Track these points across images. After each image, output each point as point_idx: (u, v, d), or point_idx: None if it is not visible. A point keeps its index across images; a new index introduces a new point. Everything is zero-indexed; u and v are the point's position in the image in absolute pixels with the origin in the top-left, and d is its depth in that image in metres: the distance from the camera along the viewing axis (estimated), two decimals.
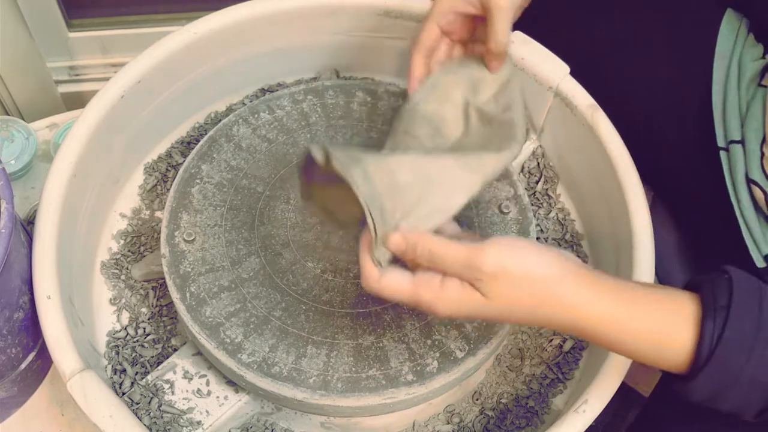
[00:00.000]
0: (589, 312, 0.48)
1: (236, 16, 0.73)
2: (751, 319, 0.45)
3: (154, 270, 0.70)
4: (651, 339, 0.48)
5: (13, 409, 0.69)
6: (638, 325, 0.48)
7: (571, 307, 0.48)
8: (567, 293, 0.48)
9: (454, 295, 0.48)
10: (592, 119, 0.71)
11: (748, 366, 0.45)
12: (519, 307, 0.48)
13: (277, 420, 0.65)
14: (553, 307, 0.48)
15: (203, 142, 0.71)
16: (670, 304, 0.48)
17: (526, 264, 0.48)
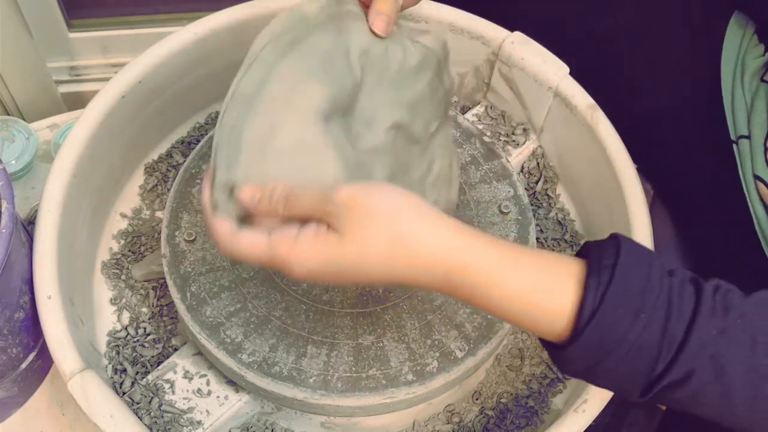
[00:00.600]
0: (467, 261, 0.43)
1: (236, 16, 0.73)
2: (639, 279, 0.42)
3: (154, 270, 0.70)
4: (529, 304, 0.43)
5: (14, 408, 0.69)
6: (519, 283, 0.43)
7: (443, 255, 0.43)
8: (439, 237, 0.43)
9: (308, 242, 0.44)
10: (591, 119, 0.71)
11: (632, 330, 0.41)
12: (376, 249, 0.43)
13: (278, 420, 0.65)
14: (415, 257, 0.43)
15: (204, 142, 0.71)
16: (554, 262, 0.44)
17: (384, 195, 0.44)
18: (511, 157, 0.77)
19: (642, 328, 0.41)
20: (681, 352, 0.41)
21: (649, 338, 0.41)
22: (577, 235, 0.76)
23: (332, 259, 0.44)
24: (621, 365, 0.42)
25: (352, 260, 0.44)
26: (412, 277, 0.44)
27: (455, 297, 0.46)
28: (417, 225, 0.44)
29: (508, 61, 0.75)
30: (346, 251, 0.43)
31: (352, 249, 0.43)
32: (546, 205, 0.78)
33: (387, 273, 0.44)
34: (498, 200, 0.70)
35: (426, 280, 0.44)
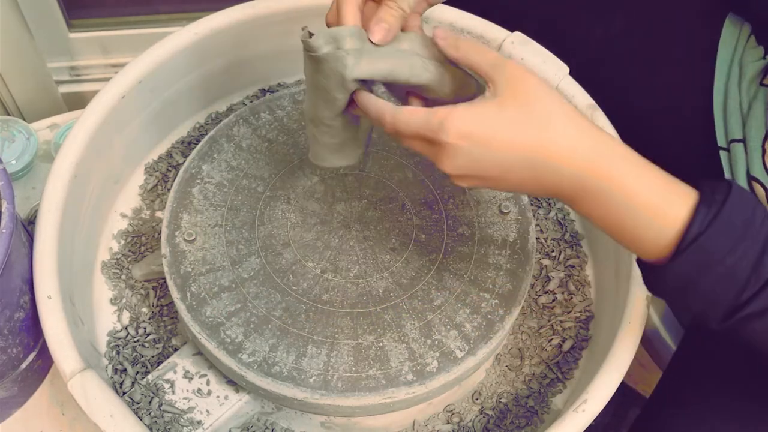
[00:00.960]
0: (600, 154, 0.46)
1: (237, 16, 0.73)
2: (744, 215, 0.45)
3: (154, 270, 0.70)
4: (649, 209, 0.46)
5: (14, 408, 0.69)
6: (642, 190, 0.46)
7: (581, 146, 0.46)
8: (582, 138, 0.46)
9: (466, 105, 0.47)
10: (591, 119, 0.71)
11: (729, 256, 0.45)
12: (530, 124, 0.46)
13: (278, 419, 0.65)
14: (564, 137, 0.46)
15: (204, 143, 0.71)
16: (674, 182, 0.48)
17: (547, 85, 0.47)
18: None
19: (738, 257, 0.45)
20: (766, 288, 0.45)
21: (742, 268, 0.45)
22: (577, 235, 0.76)
23: (486, 120, 0.46)
24: (710, 288, 0.46)
25: (504, 127, 0.46)
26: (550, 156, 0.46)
27: (576, 199, 0.48)
28: (570, 112, 0.47)
29: None
30: (507, 116, 0.46)
31: (513, 116, 0.46)
32: (546, 205, 0.78)
33: (527, 158, 0.46)
34: (498, 200, 0.70)
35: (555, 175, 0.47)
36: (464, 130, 0.46)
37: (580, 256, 0.75)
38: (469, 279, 0.65)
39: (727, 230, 0.45)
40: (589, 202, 0.48)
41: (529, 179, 0.48)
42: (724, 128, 0.68)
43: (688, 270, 0.46)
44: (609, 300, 0.69)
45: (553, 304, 0.72)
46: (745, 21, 0.70)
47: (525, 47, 0.74)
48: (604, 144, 0.47)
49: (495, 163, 0.47)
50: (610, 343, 0.61)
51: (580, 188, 0.47)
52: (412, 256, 0.66)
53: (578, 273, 0.74)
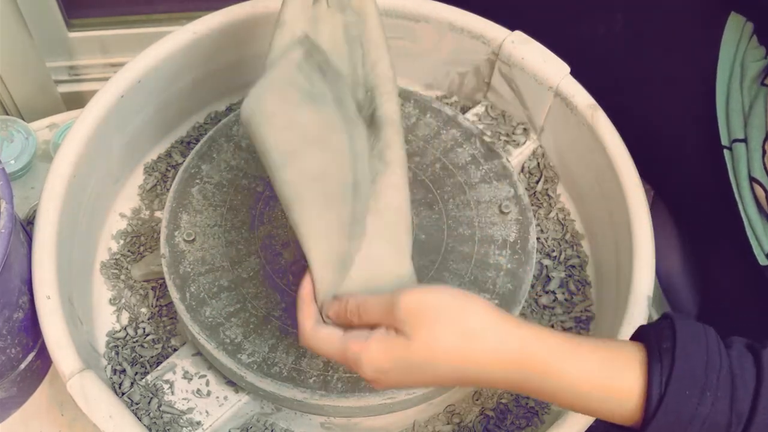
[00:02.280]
0: (535, 352, 0.44)
1: (236, 15, 0.73)
2: (699, 358, 0.43)
3: (153, 270, 0.70)
4: (599, 389, 0.44)
5: (13, 409, 0.68)
6: (587, 368, 0.44)
7: (513, 348, 0.44)
8: (504, 332, 0.45)
9: (379, 343, 0.46)
10: (592, 119, 0.71)
11: (702, 407, 0.42)
12: (444, 346, 0.45)
13: (277, 420, 0.65)
14: (484, 352, 0.44)
15: (203, 142, 0.71)
16: (615, 348, 0.45)
17: (449, 294, 0.46)
18: (512, 156, 0.77)
19: (711, 405, 0.42)
20: (750, 424, 0.41)
21: (719, 414, 0.42)
22: (577, 235, 0.76)
23: (401, 358, 0.45)
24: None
25: (421, 360, 0.45)
26: (480, 374, 0.45)
27: (522, 392, 0.47)
28: (483, 321, 0.45)
29: (508, 61, 0.75)
30: (415, 352, 0.45)
31: (421, 349, 0.45)
32: (546, 205, 0.77)
33: (456, 371, 0.45)
34: (498, 200, 0.70)
35: (494, 376, 0.45)
36: (382, 366, 0.45)
37: (581, 256, 0.75)
38: (469, 279, 0.65)
39: (689, 382, 0.42)
40: (536, 393, 0.46)
41: (464, 382, 0.46)
42: (727, 127, 0.68)
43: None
44: (609, 300, 0.69)
45: (554, 304, 0.71)
46: (747, 20, 0.70)
47: (525, 47, 0.74)
48: (531, 340, 0.45)
49: (422, 380, 0.46)
50: None
51: (520, 384, 0.46)
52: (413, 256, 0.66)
53: (578, 273, 0.74)
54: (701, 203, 0.73)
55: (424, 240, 0.67)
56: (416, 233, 0.67)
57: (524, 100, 0.77)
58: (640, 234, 0.65)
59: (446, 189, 0.70)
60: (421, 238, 0.67)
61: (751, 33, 0.70)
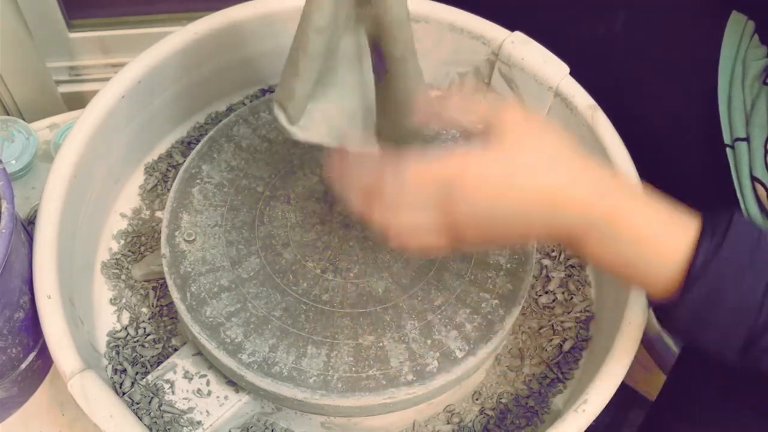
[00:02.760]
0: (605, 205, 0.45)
1: (237, 16, 0.73)
2: (749, 243, 0.44)
3: (154, 270, 0.70)
4: (653, 243, 0.45)
5: (14, 409, 0.69)
6: (645, 224, 0.45)
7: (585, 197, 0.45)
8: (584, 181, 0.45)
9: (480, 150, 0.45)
10: (592, 119, 0.71)
11: (739, 284, 0.44)
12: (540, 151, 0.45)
13: (277, 420, 0.65)
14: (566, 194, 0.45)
15: (204, 142, 0.71)
16: (674, 213, 0.47)
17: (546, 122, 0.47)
18: None
19: (747, 286, 0.44)
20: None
21: (753, 295, 0.44)
22: None
23: (500, 157, 0.45)
24: (723, 320, 0.44)
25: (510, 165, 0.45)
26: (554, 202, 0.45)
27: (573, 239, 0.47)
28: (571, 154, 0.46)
29: (508, 61, 0.75)
30: (515, 148, 0.45)
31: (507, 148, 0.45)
32: None
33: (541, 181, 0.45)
34: None
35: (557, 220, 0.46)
36: (479, 173, 0.45)
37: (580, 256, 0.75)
38: (469, 279, 0.65)
39: (732, 259, 0.44)
40: (594, 243, 0.47)
41: (523, 228, 0.47)
42: (729, 126, 0.68)
43: (698, 303, 0.45)
44: (609, 300, 0.69)
45: (554, 304, 0.72)
46: (748, 19, 0.70)
47: (525, 47, 0.74)
48: (606, 183, 0.46)
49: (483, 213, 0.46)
50: (610, 343, 0.61)
51: (585, 230, 0.46)
52: (413, 256, 0.66)
53: (578, 273, 0.74)
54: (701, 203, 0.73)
55: None
56: None
57: (524, 101, 0.77)
58: None
59: None
60: None
61: (753, 32, 0.70)
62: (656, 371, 0.94)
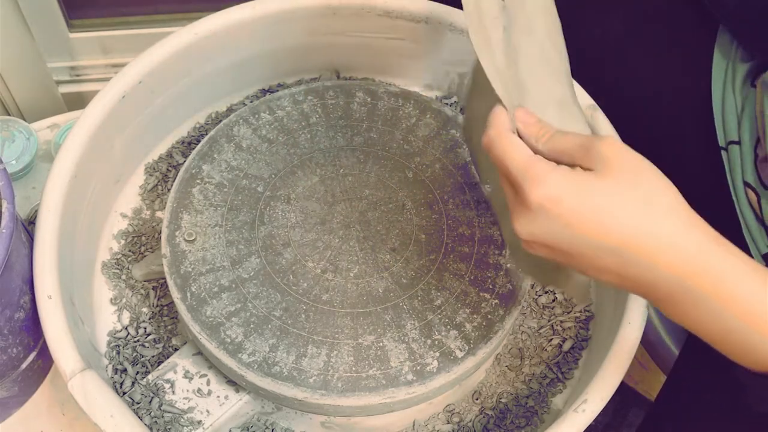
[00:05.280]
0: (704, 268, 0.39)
1: (237, 16, 0.73)
2: None
3: (154, 270, 0.70)
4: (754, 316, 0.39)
5: (14, 408, 0.69)
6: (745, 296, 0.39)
7: (680, 246, 0.39)
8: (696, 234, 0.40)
9: (564, 172, 0.41)
10: (592, 120, 0.71)
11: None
12: (620, 208, 0.39)
13: (278, 419, 0.65)
14: (657, 234, 0.39)
15: (204, 143, 0.71)
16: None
17: (651, 166, 0.41)
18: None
19: None
20: None
21: None
22: None
23: (577, 193, 0.40)
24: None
25: (596, 204, 0.40)
26: (644, 251, 0.40)
27: (659, 298, 0.42)
28: (673, 204, 0.40)
29: None
30: (596, 190, 0.40)
31: (602, 190, 0.40)
32: None
33: (623, 231, 0.40)
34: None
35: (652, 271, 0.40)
36: (555, 194, 0.41)
37: None
38: (469, 279, 0.65)
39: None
40: (685, 309, 0.41)
41: (614, 270, 0.42)
42: (723, 129, 0.68)
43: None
44: (609, 300, 0.69)
45: (553, 304, 0.72)
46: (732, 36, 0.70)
47: None
48: (710, 243, 0.40)
49: (574, 243, 0.41)
50: (610, 343, 0.61)
51: (676, 293, 0.41)
52: (413, 256, 0.66)
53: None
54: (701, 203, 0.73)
55: (424, 240, 0.67)
56: (416, 233, 0.67)
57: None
58: None
59: (446, 189, 0.70)
60: (421, 238, 0.67)
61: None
62: (656, 371, 0.94)
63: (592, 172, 0.41)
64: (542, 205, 0.41)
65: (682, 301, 0.41)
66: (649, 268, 0.40)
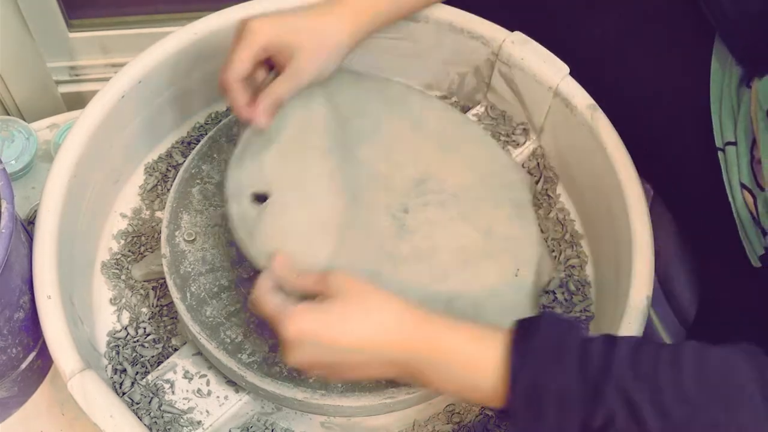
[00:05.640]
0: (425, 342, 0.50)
1: (236, 16, 0.73)
2: (557, 337, 0.48)
3: (154, 270, 0.70)
4: (465, 362, 0.49)
5: (14, 408, 0.69)
6: (456, 346, 0.50)
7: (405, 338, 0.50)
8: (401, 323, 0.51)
9: (306, 305, 0.51)
10: (591, 119, 0.71)
11: (554, 379, 0.46)
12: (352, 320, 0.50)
13: (278, 420, 0.65)
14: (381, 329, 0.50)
15: (203, 142, 0.71)
16: (485, 329, 0.50)
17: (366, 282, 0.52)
18: (512, 157, 0.77)
19: (561, 377, 0.46)
20: (601, 398, 0.45)
21: (569, 386, 0.46)
22: (576, 235, 0.76)
23: (323, 311, 0.51)
24: (554, 415, 0.46)
25: (338, 314, 0.51)
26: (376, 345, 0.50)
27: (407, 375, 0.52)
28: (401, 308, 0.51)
29: (508, 61, 0.75)
30: (336, 306, 0.51)
31: (340, 305, 0.51)
32: (546, 205, 0.78)
33: (356, 336, 0.50)
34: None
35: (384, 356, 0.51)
36: (304, 326, 0.50)
37: (580, 256, 0.75)
38: None
39: (542, 357, 0.47)
40: (429, 373, 0.50)
41: (369, 363, 0.51)
42: (720, 129, 0.68)
43: (526, 405, 0.47)
44: (609, 300, 0.69)
45: (553, 304, 0.72)
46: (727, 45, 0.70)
47: (525, 47, 0.74)
48: (425, 323, 0.51)
49: (331, 354, 0.51)
50: None
51: (417, 364, 0.50)
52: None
53: (578, 273, 0.74)
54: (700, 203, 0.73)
55: None
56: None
57: (524, 101, 0.77)
58: (640, 234, 0.65)
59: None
60: None
61: None
62: None
63: (330, 298, 0.52)
64: (296, 337, 0.50)
65: (422, 372, 0.51)
66: (386, 356, 0.50)
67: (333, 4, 0.63)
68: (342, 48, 0.63)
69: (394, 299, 0.52)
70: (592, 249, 0.76)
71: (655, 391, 0.44)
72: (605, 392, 0.45)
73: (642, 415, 0.44)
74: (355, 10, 0.63)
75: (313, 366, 0.52)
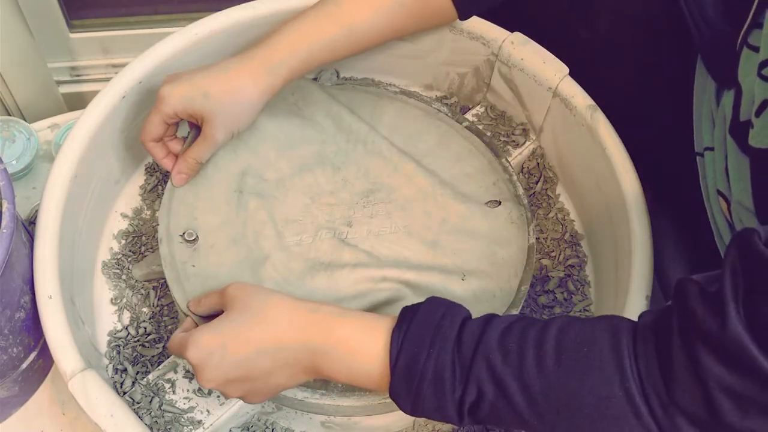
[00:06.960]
0: (318, 330, 0.52)
1: (237, 17, 0.73)
2: (432, 321, 0.50)
3: (155, 270, 0.70)
4: (354, 350, 0.52)
5: (15, 408, 0.69)
6: (345, 335, 0.52)
7: (298, 329, 0.53)
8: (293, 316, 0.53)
9: (206, 325, 0.54)
10: (591, 120, 0.71)
11: (428, 360, 0.48)
12: (250, 322, 0.53)
13: (278, 419, 0.65)
14: (281, 331, 0.53)
15: None
16: (372, 320, 0.53)
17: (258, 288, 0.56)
18: (511, 157, 0.77)
19: (436, 358, 0.49)
20: (472, 375, 0.48)
21: (444, 367, 0.48)
22: (576, 235, 0.76)
23: (220, 325, 0.53)
24: (431, 395, 0.49)
25: (234, 322, 0.53)
26: (275, 339, 0.53)
27: (310, 367, 0.53)
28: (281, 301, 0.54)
29: (507, 62, 0.75)
30: (232, 316, 0.54)
31: (235, 314, 0.54)
32: (545, 205, 0.78)
33: (256, 337, 0.53)
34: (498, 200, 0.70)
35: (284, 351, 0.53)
36: (205, 342, 0.53)
37: (580, 256, 0.75)
38: None
39: (418, 340, 0.49)
40: (325, 363, 0.53)
41: (273, 367, 0.53)
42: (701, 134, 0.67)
43: (406, 387, 0.50)
44: (609, 300, 0.69)
45: (553, 303, 0.72)
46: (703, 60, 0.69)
47: (525, 47, 0.74)
48: (315, 314, 0.53)
49: (236, 364, 0.53)
50: None
51: (312, 355, 0.53)
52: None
53: (578, 273, 0.74)
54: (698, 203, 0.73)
55: None
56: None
57: (524, 101, 0.77)
58: (639, 234, 0.66)
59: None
60: None
61: None
62: None
63: (228, 310, 0.55)
64: (198, 358, 0.53)
65: (321, 360, 0.53)
66: (286, 349, 0.53)
67: (250, 58, 0.64)
68: (254, 106, 0.64)
69: (285, 298, 0.54)
70: (592, 249, 0.76)
71: (519, 366, 0.47)
72: (475, 370, 0.48)
73: (508, 391, 0.47)
74: (267, 67, 0.64)
75: (228, 382, 0.53)
